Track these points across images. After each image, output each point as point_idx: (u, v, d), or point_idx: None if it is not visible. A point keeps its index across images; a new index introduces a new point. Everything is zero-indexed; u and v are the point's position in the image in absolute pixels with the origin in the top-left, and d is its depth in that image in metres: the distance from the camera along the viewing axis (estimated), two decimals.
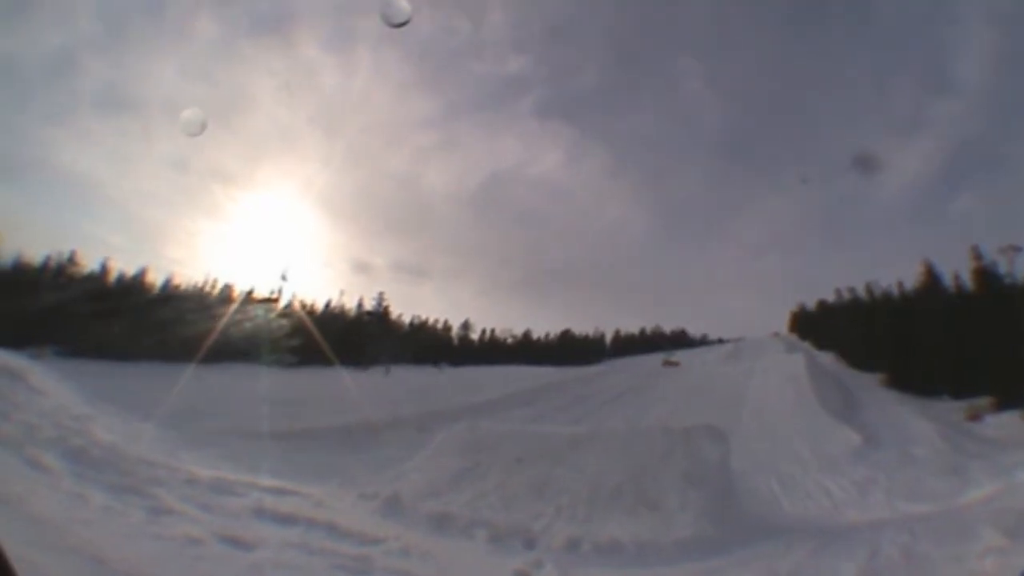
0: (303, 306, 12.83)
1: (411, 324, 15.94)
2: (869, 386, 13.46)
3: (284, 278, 11.00)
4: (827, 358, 17.90)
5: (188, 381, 6.53)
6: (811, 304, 24.80)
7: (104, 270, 10.53)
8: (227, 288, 13.17)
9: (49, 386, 5.12)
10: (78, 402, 5.19)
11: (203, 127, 4.46)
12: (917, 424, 8.88)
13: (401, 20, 3.15)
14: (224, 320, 8.93)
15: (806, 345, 21.73)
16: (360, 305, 14.15)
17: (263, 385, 8.00)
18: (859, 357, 15.94)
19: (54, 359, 6.26)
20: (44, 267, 8.54)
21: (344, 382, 8.94)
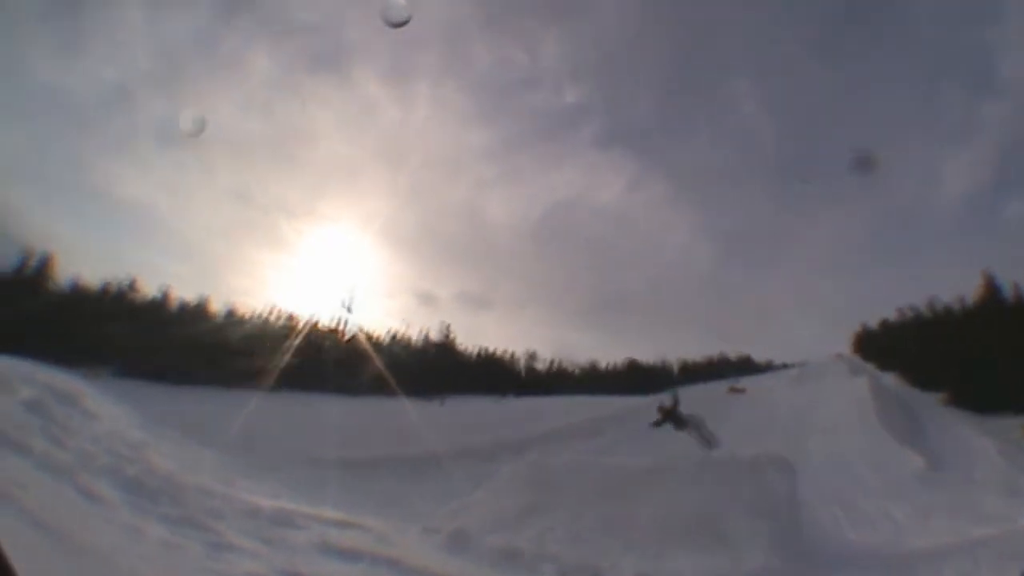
0: (367, 336, 12.65)
1: (476, 354, 15.70)
2: (931, 405, 13.12)
3: (348, 309, 10.87)
4: (890, 379, 17.25)
5: (249, 408, 6.39)
6: (874, 324, 23.96)
7: (165, 297, 10.59)
8: (290, 318, 13.12)
9: (104, 410, 4.96)
10: (134, 427, 5.02)
11: (202, 128, 4.43)
12: (979, 443, 8.72)
13: (401, 20, 3.29)
14: (286, 348, 8.81)
15: (870, 366, 20.97)
16: (425, 336, 14.02)
17: (325, 413, 7.86)
18: (922, 376, 15.34)
19: (110, 380, 6.13)
20: (103, 292, 8.52)
21: (407, 412, 8.73)
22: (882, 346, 20.81)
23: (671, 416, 7.11)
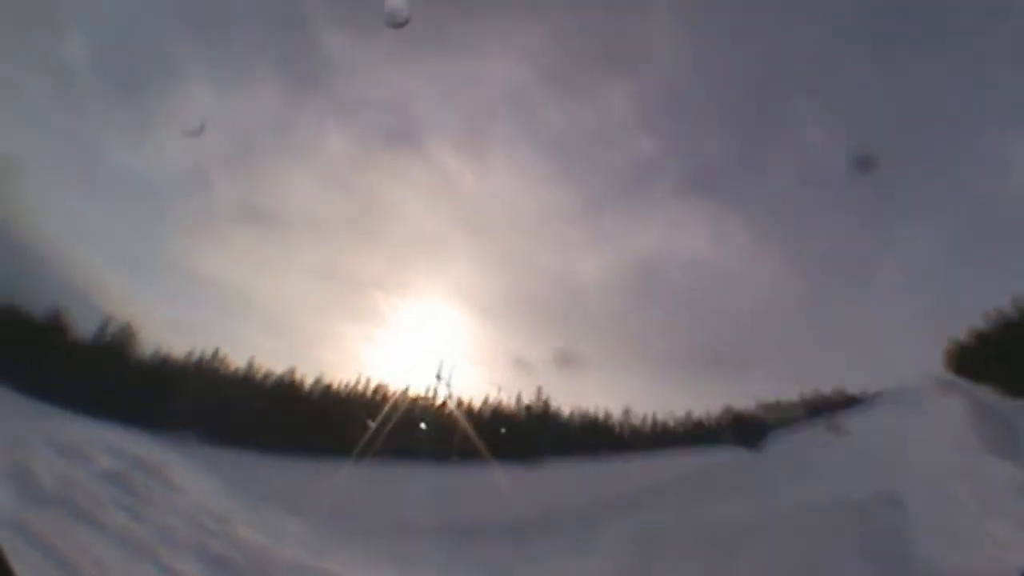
0: (460, 404, 12.19)
1: (571, 415, 15.14)
2: None
3: (440, 378, 10.47)
4: (986, 391, 15.96)
5: (339, 477, 6.14)
6: (963, 335, 22.19)
7: (251, 368, 10.47)
8: (380, 388, 12.82)
9: (188, 480, 4.62)
10: (220, 497, 4.67)
11: (201, 128, 4.35)
12: None
13: (400, 20, 3.41)
14: (377, 418, 8.46)
15: (963, 382, 19.50)
16: (518, 400, 13.55)
17: (418, 481, 7.48)
18: (1018, 383, 14.05)
19: (196, 447, 5.85)
20: (188, 361, 8.39)
21: (501, 477, 8.27)
22: (974, 358, 19.21)
23: None
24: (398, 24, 3.57)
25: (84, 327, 5.90)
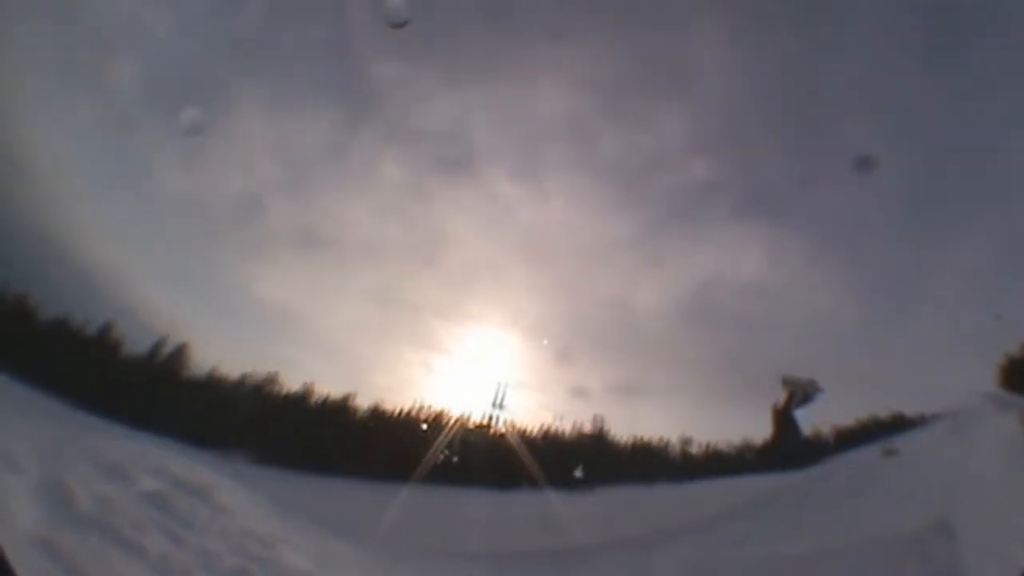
0: (517, 431, 11.88)
1: (628, 443, 14.66)
2: None
3: (497, 405, 10.19)
4: None
5: (392, 501, 5.94)
6: (1016, 349, 20.77)
7: (306, 390, 10.32)
8: (437, 414, 12.59)
9: (235, 502, 4.38)
10: (268, 520, 4.43)
11: (201, 128, 4.45)
12: None
13: (400, 20, 3.49)
14: (432, 444, 8.22)
15: (1018, 398, 18.26)
16: (576, 428, 13.12)
17: (472, 507, 7.21)
18: None
19: (245, 467, 5.67)
20: (242, 382, 8.27)
21: (556, 504, 7.94)
22: None
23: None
24: (397, 24, 3.62)
25: (135, 345, 5.75)
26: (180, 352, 6.51)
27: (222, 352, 6.44)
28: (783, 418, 6.07)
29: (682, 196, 6.88)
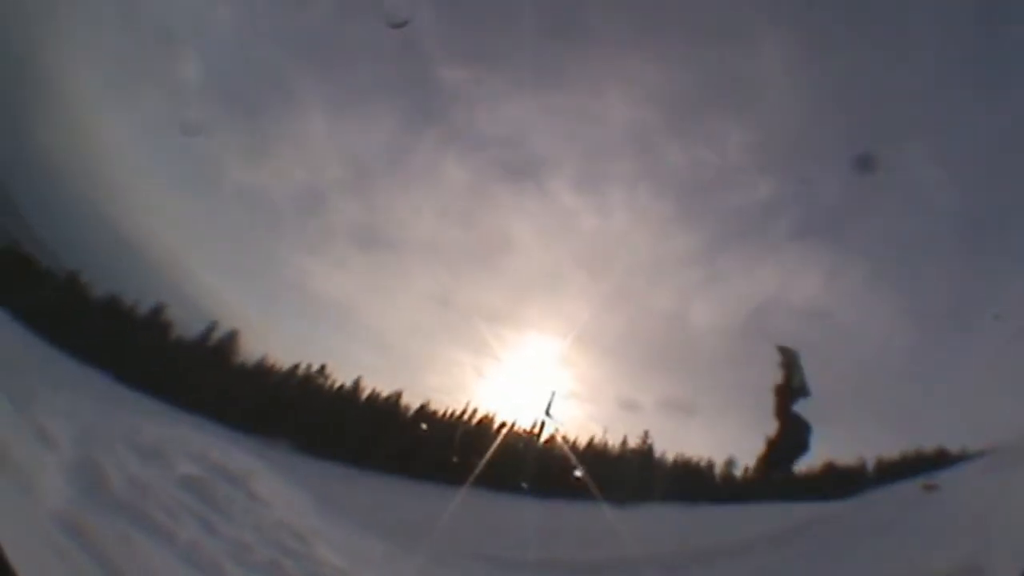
0: (564, 441, 11.71)
1: (672, 461, 14.32)
2: None
3: (547, 413, 10.04)
4: None
5: (433, 502, 5.84)
6: None
7: (356, 385, 10.27)
8: (485, 418, 12.51)
9: (274, 492, 4.30)
10: (306, 513, 4.33)
11: (201, 130, 4.53)
12: None
13: (399, 20, 3.55)
14: (479, 448, 8.08)
15: None
16: (622, 442, 12.84)
17: (513, 514, 7.05)
18: None
19: (288, 455, 5.62)
20: (291, 372, 8.28)
21: (596, 516, 7.74)
22: None
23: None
24: (397, 24, 3.65)
25: (187, 329, 5.78)
26: (231, 339, 6.50)
27: (274, 342, 6.42)
28: (786, 402, 5.57)
29: (742, 213, 6.61)
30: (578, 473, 7.71)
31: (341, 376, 7.59)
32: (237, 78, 5.99)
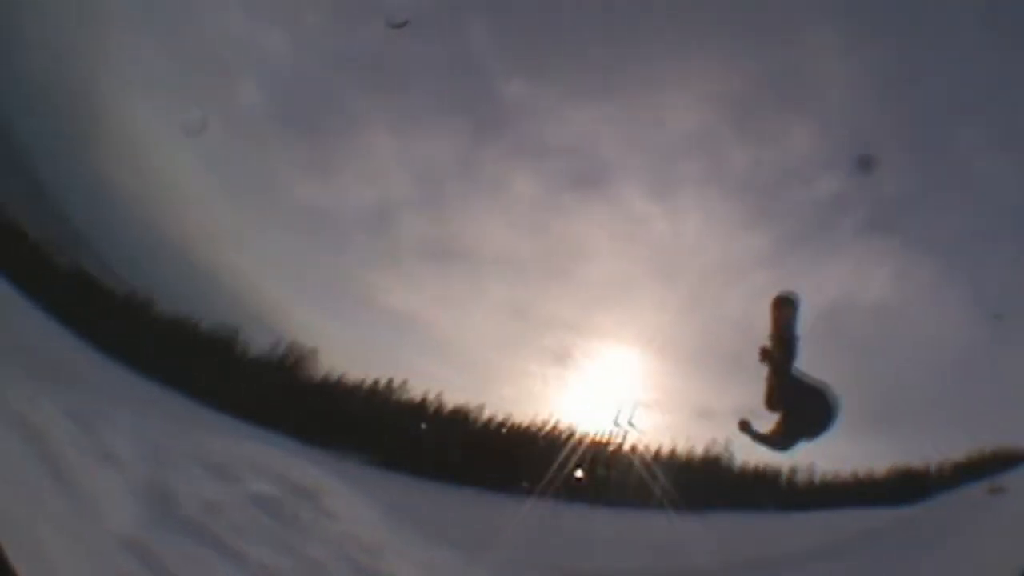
0: (640, 450, 11.52)
1: (742, 468, 13.94)
2: None
3: (623, 422, 9.85)
4: None
5: (510, 514, 5.73)
6: None
7: (428, 399, 10.25)
8: (561, 428, 12.38)
9: (346, 507, 4.23)
10: (379, 528, 4.25)
11: (203, 127, 4.36)
12: None
13: (399, 21, 3.71)
14: (552, 459, 7.94)
15: None
16: (700, 450, 12.58)
17: (585, 524, 6.89)
18: None
19: (360, 468, 5.60)
20: (361, 387, 8.29)
21: (669, 525, 7.54)
22: None
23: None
24: (397, 24, 3.70)
25: (256, 345, 5.80)
26: (302, 354, 6.50)
27: (346, 357, 6.40)
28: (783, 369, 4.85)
29: (810, 212, 6.38)
30: (654, 483, 7.48)
31: (415, 389, 7.54)
32: (297, 101, 6.03)
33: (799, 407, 4.58)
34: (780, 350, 4.70)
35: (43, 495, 2.73)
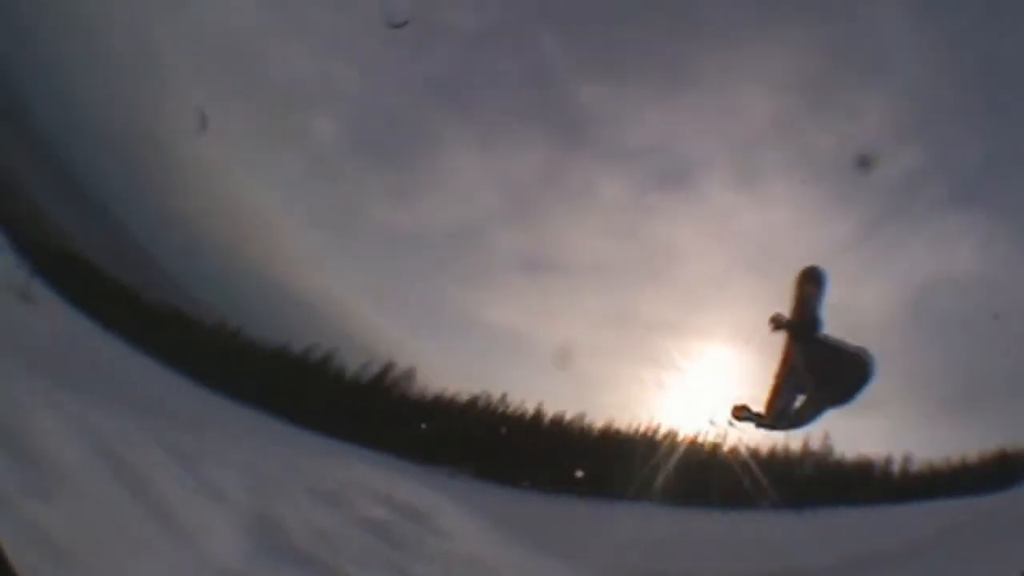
0: (744, 449, 11.18)
1: (849, 461, 13.23)
2: None
3: (727, 422, 9.59)
4: None
5: (620, 521, 5.58)
6: None
7: (531, 410, 10.13)
8: (665, 432, 12.10)
9: (459, 526, 4.11)
10: (493, 544, 4.12)
11: (205, 123, 4.34)
12: None
13: (399, 20, 3.84)
14: (658, 463, 7.74)
15: None
16: (803, 445, 12.07)
17: (692, 527, 6.64)
18: None
19: (470, 483, 5.55)
20: (463, 402, 8.26)
21: (774, 524, 7.22)
22: None
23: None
24: (397, 24, 3.67)
25: (356, 368, 5.84)
26: (403, 374, 6.50)
27: (447, 375, 6.40)
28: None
29: (892, 189, 6.09)
30: (759, 482, 7.19)
31: (519, 401, 7.48)
32: (369, 129, 6.10)
33: (830, 370, 4.37)
34: (799, 320, 4.46)
35: (148, 536, 2.70)
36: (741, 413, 4.82)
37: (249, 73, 5.48)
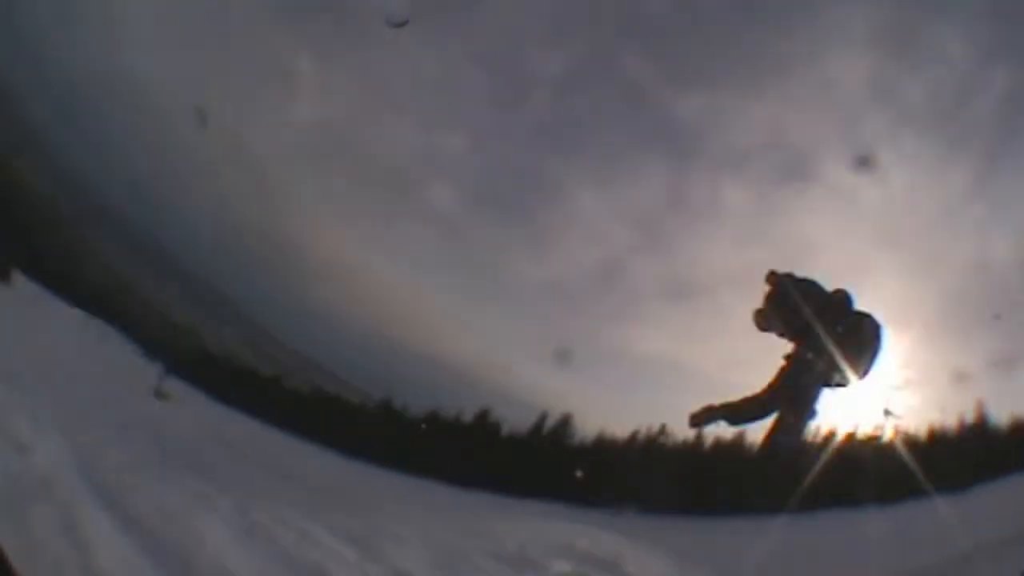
0: (905, 436, 10.47)
1: (1012, 428, 11.77)
2: None
3: (885, 412, 9.03)
4: None
5: (792, 531, 5.24)
6: None
7: (695, 438, 9.85)
8: (826, 435, 11.57)
9: (646, 568, 3.95)
10: None
11: (205, 122, 4.46)
12: None
13: (399, 20, 3.86)
14: (815, 464, 7.31)
15: None
16: (961, 421, 10.95)
17: (862, 527, 6.11)
18: None
19: (636, 519, 5.45)
20: (628, 440, 8.12)
21: (940, 512, 6.56)
22: None
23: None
24: (397, 24, 3.56)
25: (516, 422, 5.84)
26: (562, 421, 6.47)
27: (608, 416, 6.33)
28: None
29: (995, 128, 5.67)
30: (922, 470, 6.62)
31: (678, 431, 7.28)
32: (490, 189, 6.21)
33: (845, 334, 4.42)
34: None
35: None
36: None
37: (360, 159, 5.72)
